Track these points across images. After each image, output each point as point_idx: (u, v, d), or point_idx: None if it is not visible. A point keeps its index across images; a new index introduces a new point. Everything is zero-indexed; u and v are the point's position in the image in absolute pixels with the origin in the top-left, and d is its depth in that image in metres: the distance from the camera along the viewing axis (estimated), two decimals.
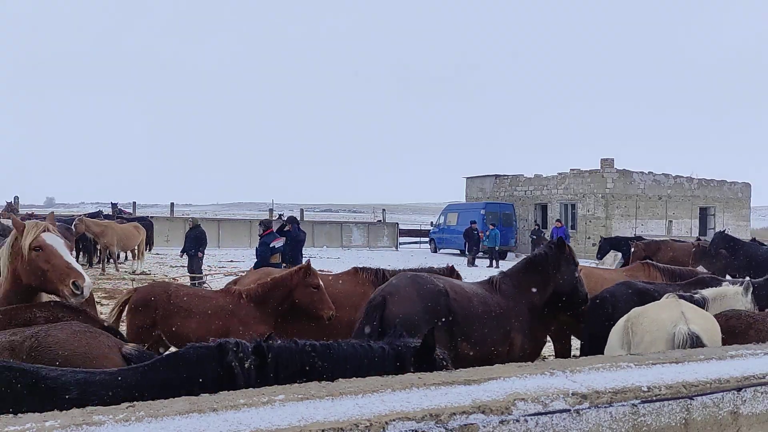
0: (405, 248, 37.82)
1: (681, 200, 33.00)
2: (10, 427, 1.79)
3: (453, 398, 2.14)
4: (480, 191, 36.89)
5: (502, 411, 2.09)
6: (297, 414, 1.94)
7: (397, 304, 5.08)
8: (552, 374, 2.46)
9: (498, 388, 2.27)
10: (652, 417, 2.30)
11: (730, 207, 35.60)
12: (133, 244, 19.29)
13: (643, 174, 31.89)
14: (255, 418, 1.91)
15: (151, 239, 22.54)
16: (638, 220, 30.97)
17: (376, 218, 47.12)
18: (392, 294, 5.18)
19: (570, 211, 32.09)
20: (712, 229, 33.81)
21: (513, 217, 32.51)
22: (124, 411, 1.94)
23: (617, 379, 2.44)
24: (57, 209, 63.19)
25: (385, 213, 43.28)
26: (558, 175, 33.02)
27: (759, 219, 62.86)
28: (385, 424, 1.91)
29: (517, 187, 34.95)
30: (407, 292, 5.19)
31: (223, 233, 30.45)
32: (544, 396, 2.20)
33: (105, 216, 22.77)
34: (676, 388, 2.40)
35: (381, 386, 2.25)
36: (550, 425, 2.13)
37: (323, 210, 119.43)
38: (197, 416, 1.91)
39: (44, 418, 1.88)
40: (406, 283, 5.34)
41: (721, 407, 2.44)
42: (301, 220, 36.99)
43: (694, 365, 2.70)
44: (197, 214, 40.30)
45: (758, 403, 2.53)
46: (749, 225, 37.38)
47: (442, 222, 33.80)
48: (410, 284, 5.29)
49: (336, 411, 1.98)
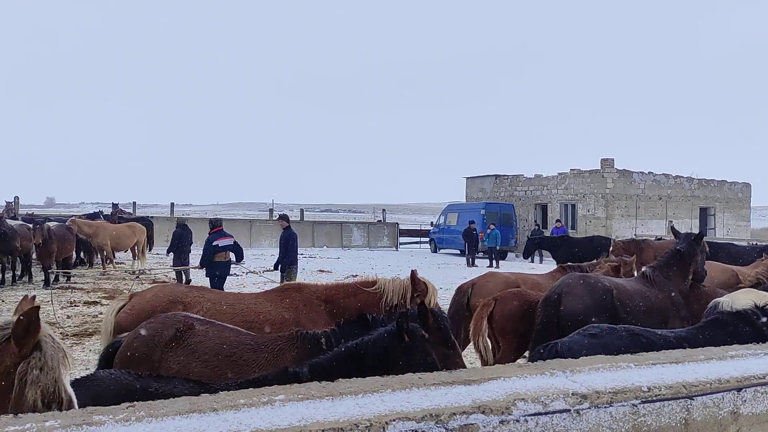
0: (405, 248, 37.82)
1: (681, 200, 33.01)
2: (10, 427, 1.79)
3: (453, 398, 2.14)
4: (480, 191, 36.90)
5: (502, 411, 2.09)
6: (297, 414, 1.94)
7: (571, 301, 5.86)
8: (552, 374, 2.46)
9: (498, 388, 2.27)
10: (653, 417, 2.30)
11: (730, 207, 35.60)
12: (129, 244, 19.29)
13: (643, 174, 31.89)
14: (255, 418, 1.91)
15: (152, 239, 22.55)
16: (638, 220, 30.97)
17: (376, 218, 47.13)
18: (566, 292, 5.95)
19: (570, 211, 32.10)
20: (713, 229, 33.82)
21: (513, 217, 32.52)
22: (124, 411, 1.94)
23: (617, 379, 2.44)
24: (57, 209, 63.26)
25: (385, 213, 43.28)
26: (558, 175, 33.03)
27: (759, 219, 62.85)
28: (385, 424, 1.91)
29: (517, 187, 34.96)
30: (579, 290, 5.95)
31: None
32: (544, 396, 2.20)
33: (105, 216, 22.76)
34: (677, 388, 2.40)
35: (381, 386, 2.25)
36: (550, 425, 2.13)
37: (323, 210, 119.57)
38: (197, 416, 1.91)
39: (44, 418, 1.88)
40: (577, 282, 6.10)
41: (721, 407, 2.44)
42: (302, 220, 37.02)
43: (694, 365, 2.70)
44: (197, 214, 40.33)
45: (758, 403, 2.53)
46: (749, 225, 37.37)
47: (442, 222, 33.81)
48: (581, 283, 6.07)
49: (336, 411, 1.98)
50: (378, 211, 51.36)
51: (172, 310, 5.03)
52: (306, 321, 5.31)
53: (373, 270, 21.14)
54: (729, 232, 33.94)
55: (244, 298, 5.80)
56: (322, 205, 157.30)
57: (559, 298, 5.91)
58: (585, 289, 5.97)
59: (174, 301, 5.37)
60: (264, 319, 5.33)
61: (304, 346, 3.90)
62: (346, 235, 36.24)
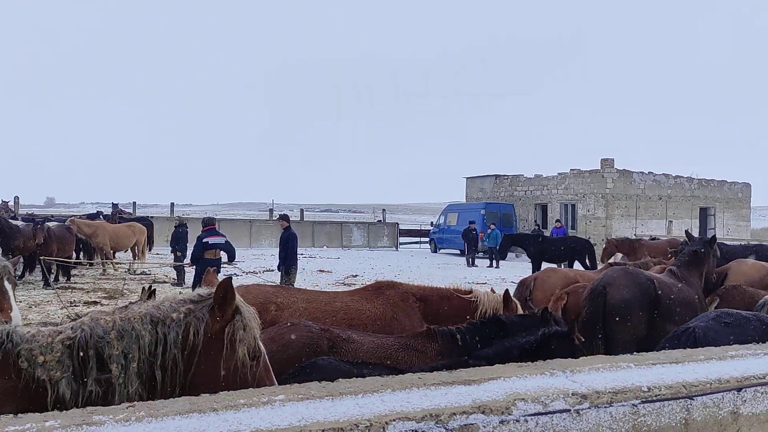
0: (405, 248, 37.81)
1: (681, 200, 33.00)
2: (10, 427, 1.79)
3: (453, 398, 2.14)
4: (480, 191, 36.89)
5: (502, 411, 2.09)
6: (297, 414, 1.94)
7: (616, 292, 6.24)
8: (552, 374, 2.46)
9: (498, 388, 2.27)
10: (653, 417, 2.30)
11: (730, 207, 35.60)
12: (128, 244, 19.29)
13: (643, 174, 31.88)
14: (255, 418, 1.91)
15: (152, 239, 22.54)
16: (638, 221, 30.97)
17: (376, 218, 47.12)
18: (611, 284, 6.34)
19: (570, 211, 32.10)
20: (713, 229, 33.81)
21: (513, 217, 32.52)
22: (124, 411, 1.94)
23: (617, 379, 2.44)
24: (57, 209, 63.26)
25: (385, 213, 43.28)
26: (558, 175, 33.02)
27: (759, 219, 62.85)
28: (385, 424, 1.91)
29: (517, 187, 34.95)
30: (623, 282, 6.33)
31: (224, 233, 30.38)
32: (544, 396, 2.20)
33: (105, 216, 22.75)
34: (676, 388, 2.40)
35: (381, 386, 2.25)
36: (550, 425, 2.13)
37: (323, 210, 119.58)
38: (197, 416, 1.91)
39: (44, 418, 1.88)
40: (621, 274, 6.51)
41: (721, 407, 2.44)
42: (302, 220, 37.01)
43: (694, 365, 2.70)
44: (197, 214, 40.29)
45: (758, 403, 2.53)
46: (749, 225, 37.36)
47: (442, 222, 33.81)
48: (625, 275, 6.46)
49: (336, 411, 1.98)
50: (378, 211, 51.35)
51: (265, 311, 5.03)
52: (404, 318, 5.44)
53: (373, 270, 21.14)
54: (729, 232, 33.93)
55: (338, 297, 5.82)
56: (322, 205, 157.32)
57: (605, 289, 6.29)
58: (629, 280, 6.35)
59: (266, 302, 5.33)
60: (366, 317, 5.38)
61: (442, 342, 4.29)
62: (346, 235, 36.23)
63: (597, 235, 28.82)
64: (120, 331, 2.39)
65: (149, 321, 2.44)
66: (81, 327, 2.39)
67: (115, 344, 2.37)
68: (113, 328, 2.40)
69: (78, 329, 2.37)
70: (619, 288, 6.28)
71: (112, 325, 2.41)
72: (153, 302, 2.57)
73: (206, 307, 2.52)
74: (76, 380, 2.28)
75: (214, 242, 12.22)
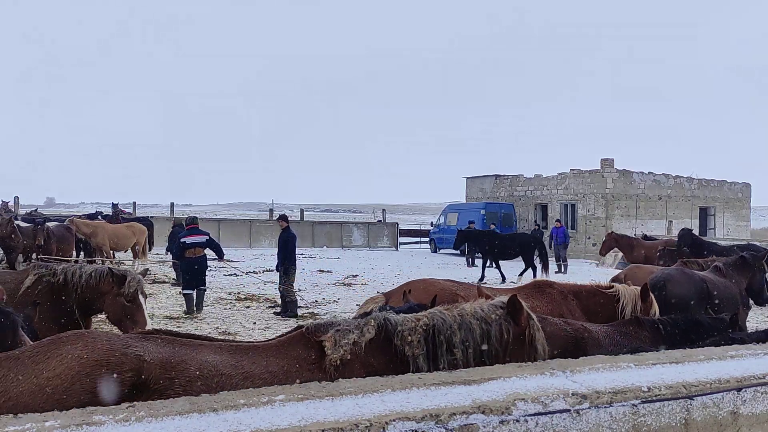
0: (405, 248, 37.79)
1: (681, 200, 33.00)
2: (10, 427, 1.79)
3: (453, 398, 2.14)
4: (480, 191, 36.89)
5: (502, 411, 2.09)
6: (297, 414, 1.94)
7: (674, 287, 6.99)
8: (552, 374, 2.46)
9: (498, 388, 2.27)
10: (652, 417, 2.30)
11: (730, 207, 35.60)
12: (127, 244, 19.27)
13: (643, 174, 31.88)
14: (255, 418, 1.91)
15: (152, 239, 22.53)
16: (638, 220, 30.97)
17: (376, 218, 47.10)
18: (669, 280, 7.09)
19: (570, 211, 32.10)
20: (713, 229, 33.82)
21: (513, 217, 32.52)
22: (124, 411, 1.94)
23: (617, 379, 2.44)
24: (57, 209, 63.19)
25: (385, 213, 43.27)
26: (558, 175, 33.02)
27: (759, 219, 62.83)
28: (385, 424, 1.91)
29: (517, 187, 34.95)
30: (681, 279, 7.11)
31: (223, 233, 30.39)
32: (544, 396, 2.20)
33: (105, 216, 22.74)
34: (676, 388, 2.40)
35: (381, 386, 2.25)
36: (550, 425, 2.13)
37: (323, 210, 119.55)
38: (197, 416, 1.91)
39: (44, 418, 1.88)
40: (677, 272, 7.31)
41: (721, 407, 2.44)
42: (302, 220, 36.99)
43: (694, 365, 2.70)
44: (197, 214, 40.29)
45: (758, 403, 2.53)
46: (749, 225, 37.36)
47: (443, 222, 33.80)
48: (682, 273, 7.25)
49: (336, 411, 1.98)
50: (378, 211, 51.34)
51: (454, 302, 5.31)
52: (567, 313, 5.71)
53: (373, 270, 21.13)
54: (729, 232, 33.93)
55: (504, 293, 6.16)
56: (322, 205, 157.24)
57: (665, 284, 7.00)
58: (685, 277, 7.15)
59: (453, 294, 5.75)
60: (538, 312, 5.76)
61: (650, 330, 4.64)
62: (346, 235, 36.21)
63: (597, 235, 28.82)
64: (460, 323, 2.99)
65: (477, 317, 3.04)
66: (434, 316, 3.00)
67: (458, 333, 2.96)
68: (454, 320, 3.00)
69: (433, 318, 3.00)
70: (677, 284, 7.01)
71: (453, 318, 3.01)
72: (473, 303, 3.19)
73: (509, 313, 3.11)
74: (428, 358, 2.90)
75: (191, 241, 12.46)
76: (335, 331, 2.91)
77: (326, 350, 2.83)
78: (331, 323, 3.02)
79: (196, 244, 12.48)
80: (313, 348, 2.89)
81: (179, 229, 16.53)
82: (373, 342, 2.89)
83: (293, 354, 2.88)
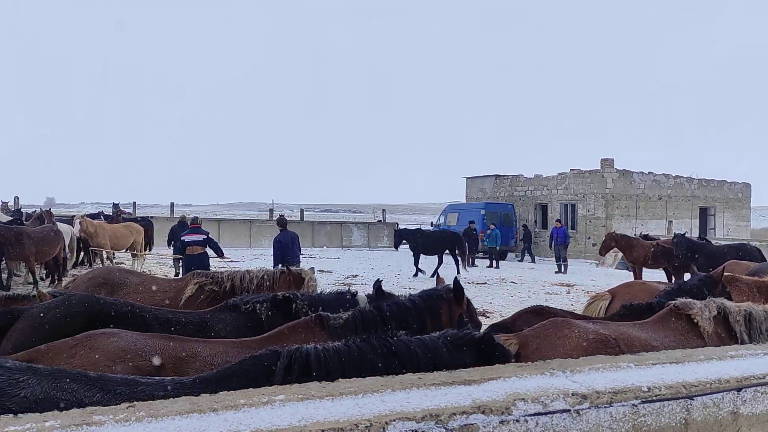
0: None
1: (681, 200, 32.99)
2: (10, 427, 1.79)
3: (453, 398, 2.14)
4: (480, 191, 36.88)
5: (502, 411, 2.09)
6: (297, 414, 1.94)
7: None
8: (552, 374, 2.46)
9: (498, 388, 2.27)
10: (653, 417, 2.30)
11: (730, 207, 35.59)
12: (126, 244, 19.27)
13: (643, 174, 31.87)
14: (255, 418, 1.90)
15: (151, 239, 22.53)
16: (638, 221, 30.96)
17: (376, 218, 47.09)
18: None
19: (570, 212, 32.09)
20: (713, 229, 33.80)
21: (513, 218, 32.51)
22: (124, 411, 1.94)
23: (617, 379, 2.44)
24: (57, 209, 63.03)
25: (385, 213, 43.25)
26: (558, 175, 33.01)
27: (759, 219, 62.80)
28: (385, 424, 1.91)
29: (517, 187, 34.94)
30: None
31: (223, 233, 30.38)
32: (544, 396, 2.20)
33: (105, 216, 22.74)
34: (676, 388, 2.40)
35: (381, 386, 2.25)
36: (550, 425, 2.13)
37: (323, 210, 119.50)
38: (197, 416, 1.91)
39: (44, 418, 1.88)
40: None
41: (721, 407, 2.44)
42: (301, 220, 36.97)
43: (694, 365, 2.70)
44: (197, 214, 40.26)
45: (758, 403, 2.53)
46: (749, 225, 37.34)
47: (443, 222, 33.77)
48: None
49: (336, 411, 1.98)
50: (378, 211, 51.32)
51: None
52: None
53: (373, 270, 21.11)
54: (729, 233, 33.92)
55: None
56: (322, 205, 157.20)
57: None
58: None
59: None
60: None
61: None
62: (346, 235, 36.20)
63: (597, 235, 28.81)
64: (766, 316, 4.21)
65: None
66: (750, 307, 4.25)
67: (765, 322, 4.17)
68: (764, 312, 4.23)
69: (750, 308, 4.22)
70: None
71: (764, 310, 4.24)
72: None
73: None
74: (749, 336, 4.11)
75: (189, 240, 12.84)
76: (699, 308, 4.11)
77: (698, 322, 4.05)
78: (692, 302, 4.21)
79: (193, 242, 12.82)
80: (681, 319, 4.12)
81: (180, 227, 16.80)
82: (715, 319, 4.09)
83: (672, 326, 4.11)
